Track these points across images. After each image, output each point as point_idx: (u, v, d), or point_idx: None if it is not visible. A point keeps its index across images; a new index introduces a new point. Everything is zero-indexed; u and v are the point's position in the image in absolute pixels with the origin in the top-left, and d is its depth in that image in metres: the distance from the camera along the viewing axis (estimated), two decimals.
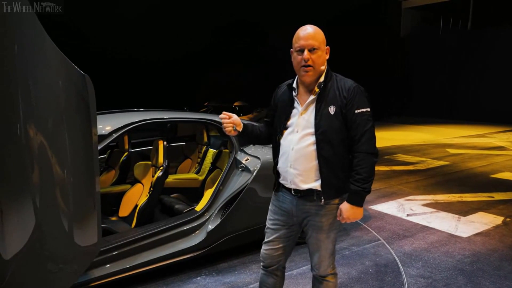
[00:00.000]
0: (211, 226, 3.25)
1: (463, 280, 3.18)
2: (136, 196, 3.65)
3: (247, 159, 3.46)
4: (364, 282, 3.15)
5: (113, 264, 2.85)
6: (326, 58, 2.07)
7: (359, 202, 2.01)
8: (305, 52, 1.98)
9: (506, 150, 9.29)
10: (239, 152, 3.55)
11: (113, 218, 3.67)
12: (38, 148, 1.95)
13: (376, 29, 17.39)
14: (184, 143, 5.04)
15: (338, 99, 2.01)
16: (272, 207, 2.26)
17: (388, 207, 5.00)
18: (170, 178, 4.26)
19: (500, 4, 16.32)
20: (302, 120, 2.07)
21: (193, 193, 4.26)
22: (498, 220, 4.53)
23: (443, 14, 18.21)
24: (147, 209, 3.41)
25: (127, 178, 4.14)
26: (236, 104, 11.89)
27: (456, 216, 4.66)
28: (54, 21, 8.00)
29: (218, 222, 3.26)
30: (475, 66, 16.38)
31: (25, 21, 1.84)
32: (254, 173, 3.36)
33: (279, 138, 2.15)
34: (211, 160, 4.38)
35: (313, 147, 2.03)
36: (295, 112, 2.11)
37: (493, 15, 16.84)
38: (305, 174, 2.06)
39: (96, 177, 2.20)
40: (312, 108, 2.05)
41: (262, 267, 2.32)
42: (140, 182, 3.71)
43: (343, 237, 4.00)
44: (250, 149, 3.57)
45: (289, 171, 2.09)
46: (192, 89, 14.55)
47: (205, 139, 4.77)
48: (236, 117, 2.16)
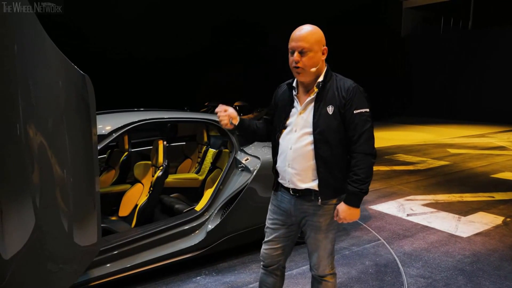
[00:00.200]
0: (211, 226, 3.25)
1: (463, 280, 3.18)
2: (136, 196, 3.66)
3: (247, 159, 3.47)
4: (364, 282, 3.15)
5: (113, 264, 2.85)
6: (323, 59, 2.05)
7: (356, 203, 2.01)
8: (295, 54, 1.99)
9: (507, 150, 9.29)
10: (239, 152, 3.55)
11: (113, 218, 3.68)
12: (38, 148, 1.95)
13: (377, 29, 17.36)
14: (184, 143, 5.04)
15: (337, 99, 2.01)
16: (272, 207, 2.27)
17: (388, 207, 5.00)
18: (170, 178, 4.26)
19: (501, 4, 16.33)
20: (301, 120, 2.07)
21: (193, 193, 4.26)
22: (498, 220, 4.53)
23: (444, 14, 18.19)
24: (147, 209, 3.41)
25: (127, 178, 4.15)
26: (237, 104, 11.90)
27: (456, 216, 4.66)
28: (54, 21, 8.01)
29: (218, 222, 3.26)
30: (476, 66, 16.36)
31: (25, 21, 1.84)
32: (254, 173, 3.36)
33: (278, 137, 2.15)
34: (211, 160, 4.38)
35: (311, 147, 2.03)
36: (294, 112, 2.11)
37: (494, 15, 16.84)
38: (303, 174, 2.06)
39: (96, 177, 2.21)
40: (311, 108, 2.05)
41: (262, 267, 2.32)
42: (140, 182, 3.72)
43: (343, 237, 4.00)
44: (250, 149, 3.57)
45: (287, 171, 2.09)
46: (192, 89, 14.53)
47: (205, 139, 4.77)
48: (233, 110, 2.15)
